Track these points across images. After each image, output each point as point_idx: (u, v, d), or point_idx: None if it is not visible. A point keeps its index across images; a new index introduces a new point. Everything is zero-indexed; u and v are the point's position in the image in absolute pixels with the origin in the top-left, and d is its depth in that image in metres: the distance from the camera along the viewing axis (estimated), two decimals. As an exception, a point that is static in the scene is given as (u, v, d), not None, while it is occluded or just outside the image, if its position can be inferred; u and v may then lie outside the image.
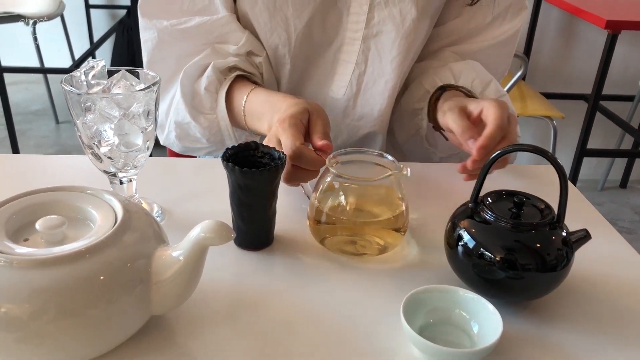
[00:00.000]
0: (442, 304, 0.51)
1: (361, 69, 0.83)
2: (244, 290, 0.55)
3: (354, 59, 0.82)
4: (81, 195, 0.49)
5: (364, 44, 0.81)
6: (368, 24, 0.80)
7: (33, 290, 0.42)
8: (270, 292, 0.55)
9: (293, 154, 0.61)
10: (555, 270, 0.52)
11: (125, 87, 0.56)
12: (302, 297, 0.54)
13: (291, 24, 0.79)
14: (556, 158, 0.51)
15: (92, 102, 0.55)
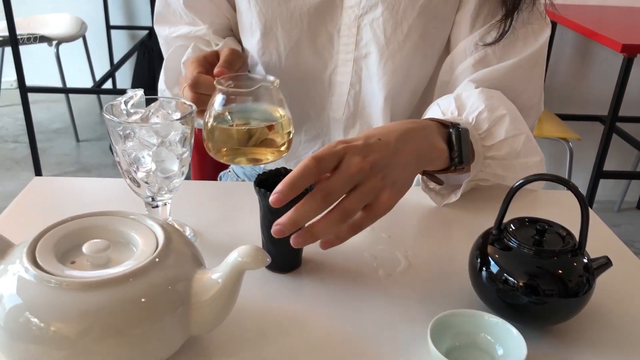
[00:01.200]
0: (467, 328, 0.52)
1: (356, 89, 0.86)
2: (274, 312, 0.57)
3: (348, 80, 0.86)
4: (124, 220, 0.52)
5: (356, 65, 0.85)
6: (357, 45, 0.83)
7: (81, 311, 0.44)
8: (300, 314, 0.57)
9: (192, 82, 0.69)
10: (577, 296, 0.53)
11: (163, 116, 0.59)
12: (331, 319, 0.56)
13: (280, 43, 0.84)
14: (577, 187, 0.53)
15: (131, 130, 0.58)
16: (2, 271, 0.47)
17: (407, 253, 0.67)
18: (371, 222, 0.57)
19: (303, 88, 0.88)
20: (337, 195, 0.54)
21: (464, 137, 0.68)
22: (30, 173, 2.62)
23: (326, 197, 0.53)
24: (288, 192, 0.52)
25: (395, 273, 0.64)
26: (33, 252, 0.47)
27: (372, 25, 0.81)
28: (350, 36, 0.83)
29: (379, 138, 0.59)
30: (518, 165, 0.75)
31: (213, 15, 0.91)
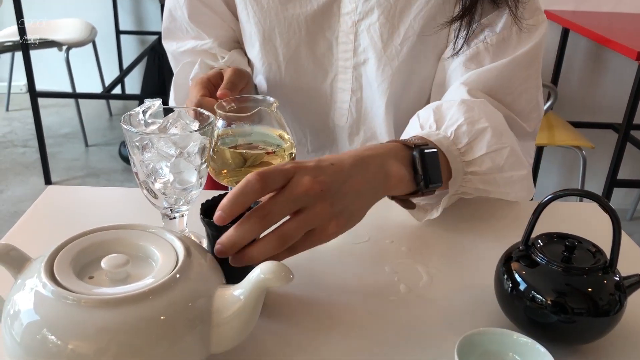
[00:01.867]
0: (495, 347, 0.51)
1: (357, 96, 0.86)
2: (294, 330, 0.55)
3: (349, 87, 0.85)
4: (143, 234, 0.51)
5: (356, 72, 0.84)
6: (355, 51, 0.82)
7: (98, 329, 0.43)
8: (320, 331, 0.55)
9: (195, 105, 0.69)
10: (608, 315, 0.52)
11: (182, 127, 0.58)
12: (351, 336, 0.55)
13: (279, 53, 0.84)
14: (608, 203, 0.52)
15: (149, 141, 0.57)
16: (19, 286, 0.46)
17: (429, 267, 0.65)
18: (308, 248, 0.54)
19: (305, 97, 0.88)
20: (278, 217, 0.51)
21: (429, 160, 0.63)
22: (39, 178, 2.62)
23: (265, 216, 0.51)
24: (230, 210, 0.49)
25: (417, 288, 0.62)
26: (51, 266, 0.46)
27: (369, 31, 0.80)
28: (349, 43, 0.82)
29: (332, 163, 0.56)
30: (501, 179, 0.71)
31: (218, 28, 0.90)
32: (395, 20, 0.79)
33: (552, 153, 2.51)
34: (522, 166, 0.73)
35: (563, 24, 2.23)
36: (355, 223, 0.58)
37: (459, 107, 0.71)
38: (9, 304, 0.46)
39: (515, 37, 0.77)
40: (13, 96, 3.40)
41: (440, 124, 0.71)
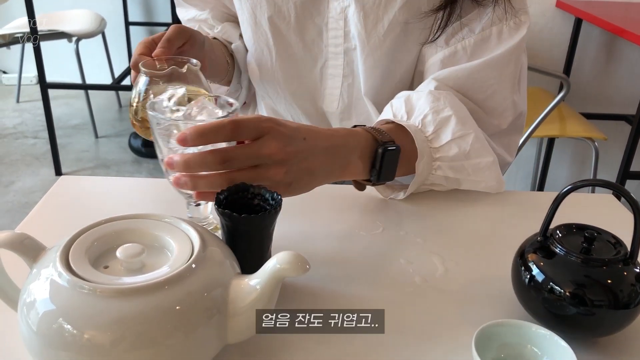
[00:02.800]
0: (513, 339, 0.50)
1: (349, 81, 0.85)
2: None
3: (340, 72, 0.85)
4: (159, 224, 0.50)
5: (347, 57, 0.83)
6: (346, 37, 0.82)
7: (114, 319, 0.43)
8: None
9: (132, 63, 0.68)
10: (628, 308, 0.51)
11: (208, 113, 0.57)
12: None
13: (270, 38, 0.84)
14: (630, 193, 0.51)
15: (176, 127, 0.56)
16: (35, 275, 0.46)
17: (444, 258, 0.65)
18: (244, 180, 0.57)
19: (296, 84, 0.88)
20: (236, 165, 0.56)
21: (388, 159, 0.68)
22: (49, 169, 2.62)
23: (224, 160, 0.55)
24: (194, 138, 0.53)
25: (432, 279, 0.61)
26: (66, 256, 0.46)
27: (353, 18, 0.79)
28: (338, 29, 0.82)
29: (305, 138, 0.60)
30: (469, 166, 0.73)
31: (212, 3, 0.94)
32: (380, 11, 0.78)
33: (563, 144, 2.48)
34: (488, 153, 0.75)
35: (576, 14, 2.20)
36: (297, 194, 0.62)
37: (426, 98, 0.74)
38: (24, 293, 0.45)
39: (495, 39, 0.77)
40: (23, 88, 3.41)
41: (411, 115, 0.75)
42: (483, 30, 0.77)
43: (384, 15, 0.78)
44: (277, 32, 0.84)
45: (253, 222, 0.53)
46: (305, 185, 0.63)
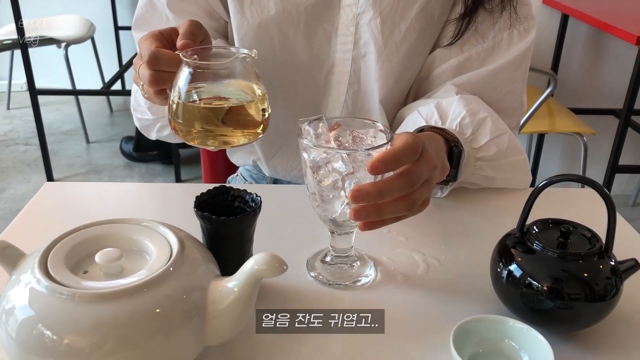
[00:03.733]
0: (491, 334, 0.51)
1: (354, 89, 0.85)
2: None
3: (346, 79, 0.84)
4: (137, 228, 0.51)
5: (354, 64, 0.83)
6: (356, 44, 0.81)
7: (94, 323, 0.43)
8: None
9: (150, 57, 0.60)
10: (604, 300, 0.51)
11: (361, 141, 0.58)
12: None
13: (276, 43, 0.81)
14: (603, 188, 0.51)
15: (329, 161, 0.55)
16: (14, 282, 0.46)
17: (425, 256, 0.65)
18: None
19: (298, 89, 0.86)
20: (419, 184, 0.55)
21: (458, 157, 0.71)
22: (41, 175, 2.62)
23: (415, 183, 0.54)
24: (387, 166, 0.52)
25: (414, 277, 0.62)
26: (45, 262, 0.46)
27: (370, 25, 0.79)
28: (349, 35, 0.81)
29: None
30: (506, 164, 0.77)
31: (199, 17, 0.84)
32: (396, 18, 0.79)
33: (553, 140, 2.49)
34: (520, 151, 0.79)
35: (562, 10, 2.21)
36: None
37: (459, 102, 0.77)
38: (3, 300, 0.46)
39: (506, 43, 0.80)
40: (13, 94, 3.40)
41: (445, 120, 0.76)
42: (495, 36, 0.80)
43: (400, 21, 0.79)
44: (284, 37, 0.81)
45: (232, 224, 0.53)
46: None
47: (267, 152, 0.91)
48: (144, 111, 0.84)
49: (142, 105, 0.84)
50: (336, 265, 0.62)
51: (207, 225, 0.54)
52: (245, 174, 1.03)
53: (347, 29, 0.81)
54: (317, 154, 0.55)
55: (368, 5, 0.78)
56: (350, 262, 0.62)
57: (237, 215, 0.53)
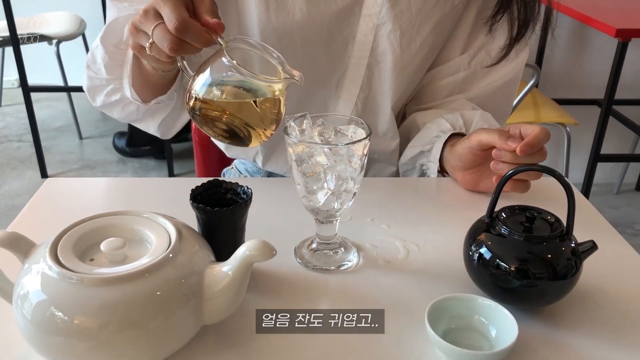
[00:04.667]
0: (463, 311, 0.56)
1: (365, 93, 0.89)
2: (280, 301, 0.60)
3: (359, 83, 0.89)
4: (138, 219, 0.55)
5: (368, 70, 0.87)
6: (373, 52, 0.86)
7: (101, 305, 0.48)
8: (305, 301, 0.60)
9: (180, 25, 0.58)
10: (566, 279, 0.57)
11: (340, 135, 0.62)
12: (333, 305, 0.60)
13: (298, 48, 0.84)
14: (563, 177, 0.56)
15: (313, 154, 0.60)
16: (27, 270, 0.51)
17: (406, 242, 0.70)
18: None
19: (310, 89, 0.89)
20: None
21: None
22: (35, 172, 2.65)
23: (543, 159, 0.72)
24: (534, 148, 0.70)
25: (395, 261, 0.67)
26: (55, 251, 0.51)
27: (389, 37, 0.84)
28: (367, 43, 0.85)
29: None
30: None
31: None
32: (413, 31, 0.85)
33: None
34: None
35: (546, 2, 2.26)
36: None
37: (480, 116, 0.89)
38: (18, 286, 0.50)
39: (504, 61, 0.90)
40: (5, 91, 3.41)
41: (469, 127, 0.87)
42: (498, 53, 0.89)
43: (416, 35, 0.85)
44: (306, 41, 0.84)
45: (225, 215, 0.58)
46: None
47: (268, 148, 0.95)
48: (98, 69, 0.82)
49: (98, 63, 0.82)
50: (321, 251, 0.67)
51: (202, 215, 0.58)
52: (241, 167, 1.07)
53: (365, 37, 0.85)
54: (301, 149, 0.60)
55: (389, 18, 0.83)
56: (334, 248, 0.67)
57: (230, 207, 0.58)
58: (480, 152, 0.76)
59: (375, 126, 0.92)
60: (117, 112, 0.87)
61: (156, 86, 0.81)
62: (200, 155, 1.16)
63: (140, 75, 0.79)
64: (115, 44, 0.81)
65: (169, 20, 0.58)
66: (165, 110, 0.87)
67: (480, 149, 0.76)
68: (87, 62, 0.84)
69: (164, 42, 0.60)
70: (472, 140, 0.77)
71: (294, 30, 0.83)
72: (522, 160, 0.71)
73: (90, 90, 0.86)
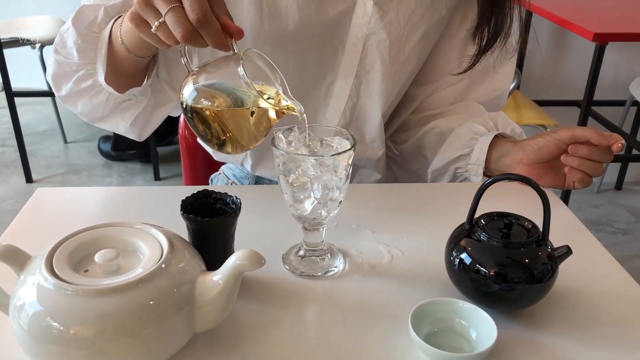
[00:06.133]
0: (444, 314, 0.58)
1: (354, 101, 0.92)
2: (268, 308, 0.62)
3: (347, 92, 0.91)
4: (131, 230, 0.57)
5: (357, 79, 0.90)
6: (361, 61, 0.88)
7: (96, 315, 0.49)
8: (292, 308, 0.62)
9: (203, 18, 0.57)
10: (542, 282, 0.59)
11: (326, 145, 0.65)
12: (320, 311, 0.62)
13: (290, 55, 0.86)
14: (538, 185, 0.59)
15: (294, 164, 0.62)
16: (23, 281, 0.52)
17: (390, 247, 0.73)
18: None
19: (300, 97, 0.90)
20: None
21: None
22: (20, 177, 2.64)
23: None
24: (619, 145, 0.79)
25: (379, 266, 0.69)
26: (50, 262, 0.52)
27: (379, 46, 0.87)
28: (355, 52, 0.88)
29: None
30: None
31: None
32: (402, 41, 0.87)
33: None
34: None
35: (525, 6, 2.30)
36: None
37: (503, 116, 0.97)
38: (14, 297, 0.52)
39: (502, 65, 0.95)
40: (-12, 95, 3.39)
41: (497, 128, 0.93)
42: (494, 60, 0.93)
43: (405, 45, 0.88)
44: (298, 50, 0.85)
45: (215, 224, 0.60)
46: None
47: (258, 153, 0.97)
48: (69, 53, 0.79)
49: (68, 47, 0.78)
50: (308, 258, 0.69)
51: (193, 225, 0.60)
52: (228, 172, 1.09)
53: (354, 47, 0.87)
54: (288, 160, 0.62)
55: (379, 27, 0.86)
56: (321, 254, 0.69)
57: (220, 216, 0.60)
58: (564, 146, 0.81)
59: (363, 134, 0.95)
60: (82, 103, 0.82)
61: (126, 73, 0.78)
62: (187, 161, 1.18)
63: (112, 59, 0.76)
64: (88, 26, 0.77)
65: (192, 9, 0.57)
66: (136, 108, 0.84)
67: (569, 142, 0.81)
68: (54, 46, 0.80)
69: (178, 27, 0.58)
70: (561, 134, 0.81)
71: (286, 38, 0.84)
72: (595, 158, 0.80)
73: (56, 77, 0.81)
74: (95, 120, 0.86)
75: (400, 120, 1.01)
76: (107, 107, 0.82)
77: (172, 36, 0.60)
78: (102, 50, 0.77)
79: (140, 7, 0.61)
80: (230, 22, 0.61)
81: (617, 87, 2.55)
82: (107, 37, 0.76)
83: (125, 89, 0.80)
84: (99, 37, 0.78)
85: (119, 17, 0.76)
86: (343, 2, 0.84)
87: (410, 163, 1.01)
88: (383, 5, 0.84)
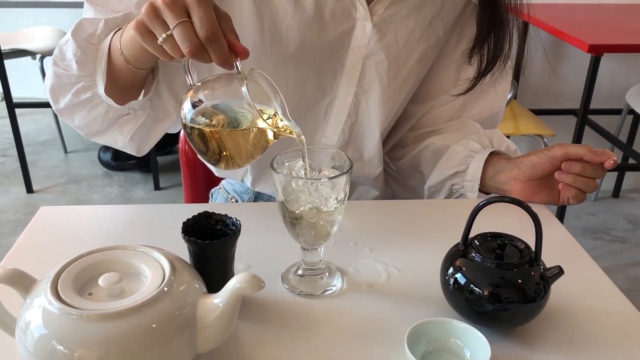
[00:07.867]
0: (439, 334, 0.60)
1: (353, 120, 0.94)
2: (268, 328, 0.64)
3: (346, 111, 0.93)
4: (133, 253, 0.58)
5: (356, 99, 0.92)
6: (360, 82, 0.90)
7: (100, 339, 0.51)
8: (291, 327, 0.64)
9: (212, 36, 0.58)
10: (535, 302, 0.61)
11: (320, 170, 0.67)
12: (318, 330, 0.64)
13: (291, 75, 0.88)
14: (530, 207, 0.61)
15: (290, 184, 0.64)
16: (28, 305, 0.54)
17: (387, 265, 0.74)
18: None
19: (299, 115, 0.92)
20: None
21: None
22: (20, 187, 2.65)
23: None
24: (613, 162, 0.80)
25: (376, 284, 0.71)
26: (55, 286, 0.54)
27: (377, 67, 0.89)
28: (355, 73, 0.90)
29: None
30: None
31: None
32: (400, 62, 0.90)
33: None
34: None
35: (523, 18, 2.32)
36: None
37: (499, 133, 0.99)
38: (20, 320, 0.53)
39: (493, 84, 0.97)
40: (-12, 105, 3.41)
41: (493, 145, 0.95)
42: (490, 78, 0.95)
43: (403, 66, 0.90)
44: (298, 72, 0.87)
45: (216, 247, 0.61)
46: None
47: (258, 169, 0.99)
48: (68, 65, 0.79)
49: (68, 59, 0.78)
50: (307, 277, 0.70)
51: (194, 247, 0.62)
52: (228, 187, 1.10)
53: (353, 67, 0.89)
54: (287, 185, 0.63)
55: (378, 49, 0.87)
56: (319, 273, 0.70)
57: (220, 239, 0.61)
58: (558, 163, 0.83)
59: (362, 152, 0.97)
60: (80, 116, 0.82)
61: (124, 84, 0.79)
62: (187, 176, 1.19)
63: (110, 71, 0.77)
64: (87, 38, 0.78)
65: (201, 25, 0.58)
66: (135, 122, 0.84)
67: (563, 159, 0.82)
68: (53, 59, 0.80)
69: (185, 42, 0.59)
70: (554, 151, 0.83)
71: (286, 60, 0.86)
72: (588, 174, 0.82)
73: (54, 90, 0.81)
74: (93, 134, 0.86)
75: (398, 137, 1.03)
76: (105, 120, 0.82)
77: (178, 50, 0.61)
78: (102, 61, 0.77)
79: (148, 18, 0.62)
80: (237, 41, 0.62)
81: (614, 95, 2.57)
82: (107, 48, 0.77)
83: (125, 100, 0.80)
84: (99, 48, 0.78)
85: (119, 30, 0.77)
86: (342, 24, 0.86)
87: (407, 179, 1.03)
88: (382, 27, 0.86)
